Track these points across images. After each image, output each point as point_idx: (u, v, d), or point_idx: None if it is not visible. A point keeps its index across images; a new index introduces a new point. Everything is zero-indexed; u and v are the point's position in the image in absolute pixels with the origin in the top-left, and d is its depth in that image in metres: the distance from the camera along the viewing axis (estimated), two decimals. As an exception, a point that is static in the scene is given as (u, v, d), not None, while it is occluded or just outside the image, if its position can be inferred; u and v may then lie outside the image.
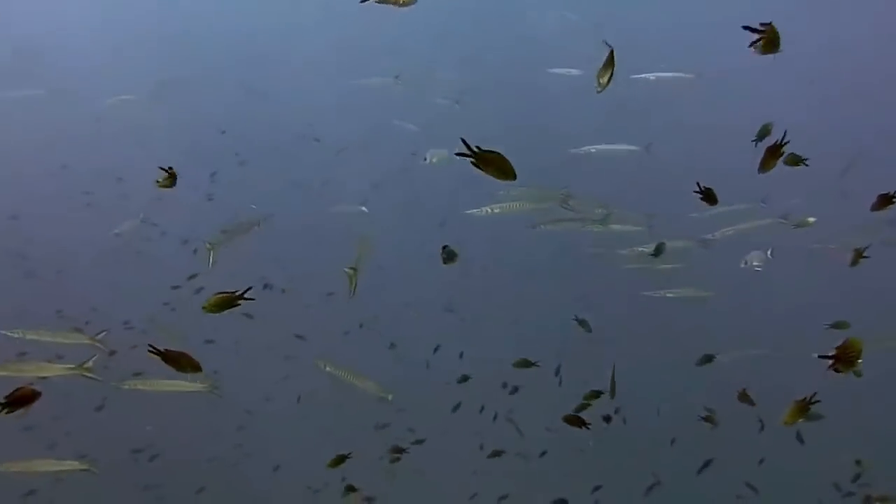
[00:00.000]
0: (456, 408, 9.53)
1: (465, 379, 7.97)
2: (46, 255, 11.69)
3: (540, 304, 12.00)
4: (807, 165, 4.76)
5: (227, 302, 3.83)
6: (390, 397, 6.56)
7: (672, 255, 8.32)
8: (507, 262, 12.04)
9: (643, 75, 10.33)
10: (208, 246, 7.05)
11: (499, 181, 3.30)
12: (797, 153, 4.90)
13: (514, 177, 3.26)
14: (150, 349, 3.78)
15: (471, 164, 3.16)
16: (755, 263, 7.40)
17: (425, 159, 7.76)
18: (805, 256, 9.97)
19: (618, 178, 9.27)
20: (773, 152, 4.42)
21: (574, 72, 10.89)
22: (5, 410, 3.78)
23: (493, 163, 3.22)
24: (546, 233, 7.96)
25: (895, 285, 10.32)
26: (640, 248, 8.14)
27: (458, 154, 3.09)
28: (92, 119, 12.81)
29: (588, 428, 5.62)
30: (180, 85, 13.68)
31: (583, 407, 6.00)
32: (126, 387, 6.84)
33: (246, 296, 3.80)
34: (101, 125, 12.75)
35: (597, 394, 6.18)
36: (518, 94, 12.97)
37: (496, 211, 6.12)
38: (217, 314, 3.92)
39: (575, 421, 5.66)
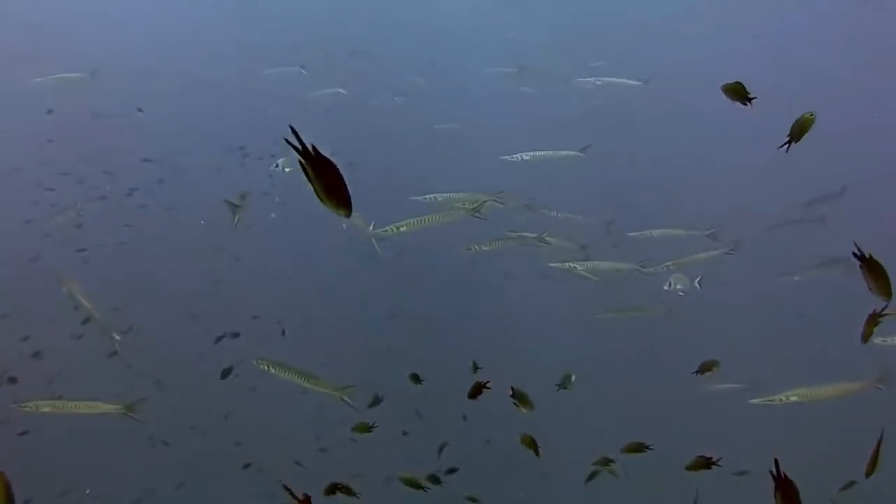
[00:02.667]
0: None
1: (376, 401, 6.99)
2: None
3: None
4: (755, 97, 3.81)
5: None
6: (346, 396, 5.67)
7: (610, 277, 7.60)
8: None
9: (588, 79, 9.56)
10: (236, 203, 6.25)
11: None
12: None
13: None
14: None
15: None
16: (678, 287, 6.81)
17: (276, 165, 6.96)
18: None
19: (556, 187, 8.52)
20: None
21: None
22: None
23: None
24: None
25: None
26: (571, 264, 7.37)
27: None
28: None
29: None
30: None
31: None
32: (27, 409, 5.87)
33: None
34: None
35: None
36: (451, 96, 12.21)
37: (402, 229, 5.26)
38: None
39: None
